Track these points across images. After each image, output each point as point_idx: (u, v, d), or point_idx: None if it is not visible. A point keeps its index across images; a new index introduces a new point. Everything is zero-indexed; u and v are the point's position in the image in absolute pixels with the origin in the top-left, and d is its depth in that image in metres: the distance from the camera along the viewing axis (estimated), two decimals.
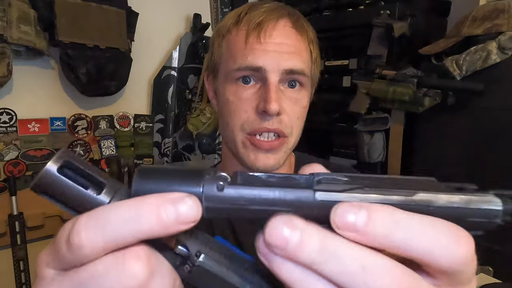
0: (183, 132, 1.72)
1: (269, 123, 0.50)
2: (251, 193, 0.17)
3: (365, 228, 0.16)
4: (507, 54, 1.07)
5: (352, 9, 1.45)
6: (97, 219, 0.17)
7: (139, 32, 1.54)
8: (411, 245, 0.16)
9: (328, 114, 1.49)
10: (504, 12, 1.10)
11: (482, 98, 1.10)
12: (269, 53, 0.50)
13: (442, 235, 0.16)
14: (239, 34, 0.52)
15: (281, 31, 0.51)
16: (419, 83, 1.20)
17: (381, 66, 1.31)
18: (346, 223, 0.16)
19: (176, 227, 0.17)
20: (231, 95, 0.52)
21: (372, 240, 0.16)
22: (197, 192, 0.17)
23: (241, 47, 0.51)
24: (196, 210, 0.17)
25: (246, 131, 0.52)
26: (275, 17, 0.52)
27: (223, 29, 0.55)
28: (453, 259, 0.16)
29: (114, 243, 0.17)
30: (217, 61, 0.56)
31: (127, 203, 0.17)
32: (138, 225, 0.17)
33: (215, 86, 0.58)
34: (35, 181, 0.18)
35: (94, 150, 1.51)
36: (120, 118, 1.57)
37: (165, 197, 0.17)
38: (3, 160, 1.29)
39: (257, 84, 0.52)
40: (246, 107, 0.51)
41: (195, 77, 1.73)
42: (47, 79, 1.39)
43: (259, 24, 0.51)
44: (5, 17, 1.15)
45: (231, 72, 0.52)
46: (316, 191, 0.17)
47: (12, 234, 1.27)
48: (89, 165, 0.19)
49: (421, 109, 1.20)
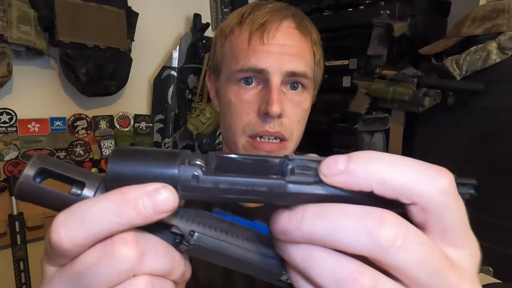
0: (183, 132, 1.72)
1: (270, 126, 0.50)
2: (225, 182, 0.18)
3: (347, 168, 0.16)
4: (507, 54, 1.07)
5: (352, 9, 1.45)
6: (74, 215, 0.17)
7: (139, 32, 1.54)
8: (395, 178, 0.16)
9: (328, 114, 1.49)
10: (504, 12, 1.10)
11: (482, 98, 1.10)
12: (272, 54, 0.50)
13: (423, 167, 0.17)
14: (242, 34, 0.52)
15: (285, 32, 0.51)
16: (419, 83, 1.20)
17: (381, 66, 1.31)
18: (331, 169, 0.17)
19: (154, 217, 0.17)
20: (233, 96, 0.52)
21: (357, 179, 0.16)
22: (173, 178, 0.18)
23: (244, 48, 0.51)
24: (173, 199, 0.17)
25: (248, 134, 0.52)
26: (278, 18, 0.51)
27: (226, 29, 0.55)
28: (436, 188, 0.16)
29: (94, 236, 0.17)
30: (220, 61, 0.56)
31: (104, 197, 0.18)
32: (117, 218, 0.17)
33: (217, 86, 0.58)
34: (15, 190, 0.19)
35: (94, 150, 1.51)
36: (120, 118, 1.57)
37: (141, 190, 0.17)
38: (3, 160, 1.29)
39: (259, 86, 0.51)
40: (248, 109, 0.51)
41: (195, 77, 1.73)
42: (47, 79, 1.39)
43: (262, 24, 0.50)
44: (5, 17, 1.15)
45: (234, 73, 0.52)
46: (288, 183, 0.17)
47: (12, 234, 1.27)
48: (66, 166, 0.19)
49: (421, 109, 1.20)
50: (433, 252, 0.16)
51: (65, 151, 1.43)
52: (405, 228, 0.16)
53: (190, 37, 1.69)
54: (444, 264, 0.16)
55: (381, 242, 0.15)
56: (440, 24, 1.47)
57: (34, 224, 1.32)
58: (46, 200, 0.19)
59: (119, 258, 0.17)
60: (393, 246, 0.15)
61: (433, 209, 0.16)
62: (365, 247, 0.15)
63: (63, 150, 1.43)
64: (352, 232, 0.16)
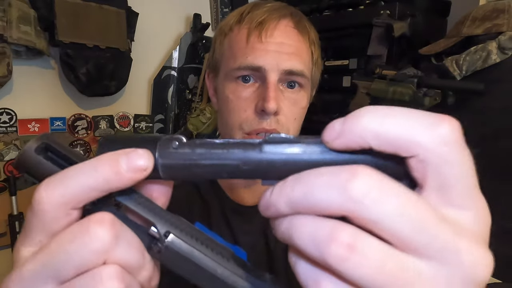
0: (183, 132, 1.72)
1: (267, 123, 0.50)
2: (202, 149, 0.18)
3: (343, 128, 0.16)
4: (507, 54, 1.07)
5: (352, 9, 1.45)
6: (56, 178, 0.18)
7: (139, 32, 1.54)
8: (390, 129, 0.15)
9: (328, 114, 1.49)
10: (504, 12, 1.10)
11: (482, 98, 1.10)
12: (269, 53, 0.50)
13: (421, 115, 0.15)
14: (240, 33, 0.52)
15: (283, 31, 0.51)
16: (419, 83, 1.20)
17: (381, 66, 1.31)
18: (330, 134, 0.16)
19: (130, 175, 0.18)
20: (231, 93, 0.52)
21: (353, 137, 0.16)
22: (153, 152, 0.19)
23: (242, 46, 0.51)
24: (147, 157, 0.18)
25: (245, 131, 0.52)
26: (277, 17, 0.52)
27: (226, 27, 0.55)
28: (434, 137, 0.15)
29: (72, 196, 0.18)
30: (218, 59, 0.56)
31: (86, 162, 0.19)
32: (94, 176, 0.18)
33: (215, 84, 0.58)
34: (16, 160, 0.20)
35: (94, 150, 1.51)
36: (120, 118, 1.57)
37: (118, 152, 0.18)
38: (3, 160, 1.29)
39: (256, 83, 0.52)
40: (245, 106, 0.51)
41: (195, 77, 1.73)
42: (47, 79, 1.39)
43: (260, 23, 0.51)
44: (5, 17, 1.15)
45: (232, 70, 0.52)
46: (264, 144, 0.18)
47: (12, 234, 1.27)
48: (69, 149, 0.21)
49: (421, 109, 1.20)
50: (415, 204, 0.14)
51: None
52: (379, 180, 0.15)
53: (190, 37, 1.69)
54: (431, 217, 0.14)
55: (353, 195, 0.14)
56: (440, 24, 1.47)
57: None
58: (42, 173, 0.20)
59: (93, 237, 0.17)
60: (367, 198, 0.14)
61: (431, 161, 0.15)
62: (340, 203, 0.15)
63: None
64: (325, 190, 0.15)
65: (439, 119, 0.15)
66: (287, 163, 0.17)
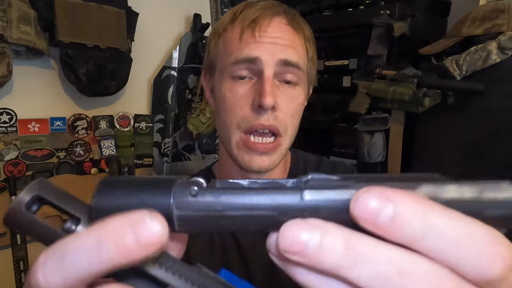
0: (183, 132, 1.72)
1: (264, 119, 0.50)
2: (229, 197, 0.15)
3: (392, 222, 0.13)
4: (507, 54, 1.07)
5: (352, 9, 1.45)
6: (54, 255, 0.15)
7: (139, 32, 1.54)
8: (440, 252, 0.14)
9: (328, 114, 1.49)
10: (504, 12, 1.10)
11: (482, 98, 1.10)
12: (264, 44, 0.50)
13: (476, 246, 0.13)
14: (234, 32, 0.52)
15: (276, 27, 0.51)
16: (419, 83, 1.20)
17: (381, 66, 1.31)
18: (369, 215, 0.14)
19: (139, 253, 0.14)
20: (227, 91, 0.52)
21: (400, 237, 0.14)
22: (166, 201, 0.15)
23: (236, 43, 0.51)
24: (160, 228, 0.14)
25: (242, 129, 0.51)
26: (270, 14, 0.52)
27: (220, 28, 0.55)
28: (485, 277, 0.14)
29: (74, 280, 0.15)
30: (214, 60, 0.56)
31: (86, 232, 0.15)
32: (97, 256, 0.14)
33: (211, 85, 0.58)
34: (4, 216, 0.17)
35: (94, 150, 1.51)
36: (120, 118, 1.57)
37: (123, 220, 0.15)
38: (3, 160, 1.29)
39: (252, 79, 0.51)
40: (242, 104, 0.51)
41: (195, 77, 1.73)
42: (47, 79, 1.39)
43: (253, 20, 0.51)
44: (5, 17, 1.15)
45: (227, 66, 0.52)
46: (303, 190, 0.15)
47: (12, 234, 1.27)
48: (65, 197, 0.17)
49: (421, 109, 1.20)
50: None
51: (65, 151, 1.43)
52: None
53: (190, 37, 1.69)
54: None
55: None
56: (440, 24, 1.47)
57: None
58: (36, 232, 0.17)
59: None
60: None
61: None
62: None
63: (63, 150, 1.43)
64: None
65: (495, 251, 0.14)
66: (332, 212, 0.15)
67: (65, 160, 1.43)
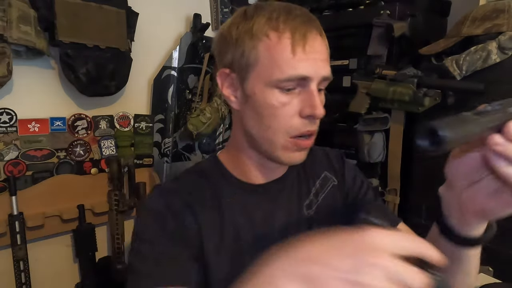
0: (183, 132, 1.72)
1: (312, 126, 0.57)
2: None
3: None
4: (507, 54, 1.07)
5: (352, 9, 1.45)
6: None
7: (139, 32, 1.54)
8: None
9: (328, 114, 1.49)
10: (504, 12, 1.10)
11: (482, 98, 1.10)
12: (312, 62, 0.54)
13: None
14: (282, 43, 0.53)
15: (317, 42, 0.55)
16: (419, 83, 1.20)
17: (381, 66, 1.31)
18: None
19: None
20: (275, 100, 0.55)
21: None
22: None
23: (288, 57, 0.53)
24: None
25: (291, 134, 0.56)
26: (313, 27, 0.56)
27: (258, 31, 0.55)
28: None
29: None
30: (252, 63, 0.56)
31: None
32: None
33: (242, 86, 0.58)
34: None
35: (94, 150, 1.51)
36: (120, 118, 1.57)
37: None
38: (3, 160, 1.29)
39: (296, 89, 0.55)
40: (292, 113, 0.55)
41: (195, 77, 1.73)
42: (47, 79, 1.39)
43: (304, 35, 0.54)
44: (5, 17, 1.15)
45: (279, 81, 0.54)
46: (508, 108, 0.34)
47: (12, 234, 1.27)
48: None
49: (421, 109, 1.20)
50: None
51: (65, 151, 1.43)
52: None
53: (190, 37, 1.69)
54: None
55: None
56: (440, 24, 1.47)
57: (34, 224, 1.32)
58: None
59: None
60: None
61: None
62: None
63: (63, 150, 1.43)
64: None
65: None
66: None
67: (65, 160, 1.43)
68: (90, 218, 1.46)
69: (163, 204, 0.58)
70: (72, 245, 1.47)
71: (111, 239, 1.44)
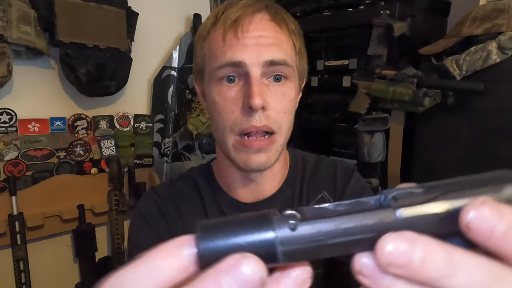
0: (183, 132, 1.72)
1: (256, 121, 0.49)
2: (328, 225, 0.15)
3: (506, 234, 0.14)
4: (507, 54, 1.07)
5: (352, 9, 1.45)
6: None
7: (139, 32, 1.54)
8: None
9: (328, 114, 1.49)
10: (504, 12, 1.10)
11: (482, 98, 1.10)
12: (247, 46, 0.49)
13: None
14: (217, 33, 0.52)
15: (258, 24, 0.51)
16: (419, 83, 1.20)
17: (381, 66, 1.31)
18: (484, 228, 0.14)
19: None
20: (217, 96, 0.52)
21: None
22: (270, 238, 0.15)
23: (219, 45, 0.51)
24: (257, 270, 0.15)
25: (236, 132, 0.51)
26: (251, 12, 0.51)
27: (203, 31, 0.55)
28: None
29: None
30: (201, 63, 0.56)
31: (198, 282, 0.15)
32: None
33: (202, 88, 0.58)
34: None
35: (94, 150, 1.51)
36: (120, 118, 1.57)
37: (220, 269, 0.15)
38: (3, 160, 1.29)
39: (240, 82, 0.51)
40: (233, 107, 0.50)
41: None
42: (47, 79, 1.39)
43: (235, 21, 0.50)
44: (5, 17, 1.15)
45: (213, 71, 0.52)
46: (396, 208, 0.16)
47: (12, 234, 1.27)
48: None
49: (421, 109, 1.20)
50: None
51: (65, 151, 1.43)
52: None
53: (190, 37, 1.69)
54: None
55: None
56: (440, 24, 1.47)
57: (34, 224, 1.32)
58: None
59: None
60: None
61: None
62: None
63: (63, 150, 1.43)
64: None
65: None
66: (427, 225, 0.15)
67: (65, 160, 1.43)
68: (90, 218, 1.46)
69: (155, 208, 0.58)
70: (72, 245, 1.47)
71: (111, 239, 1.44)
